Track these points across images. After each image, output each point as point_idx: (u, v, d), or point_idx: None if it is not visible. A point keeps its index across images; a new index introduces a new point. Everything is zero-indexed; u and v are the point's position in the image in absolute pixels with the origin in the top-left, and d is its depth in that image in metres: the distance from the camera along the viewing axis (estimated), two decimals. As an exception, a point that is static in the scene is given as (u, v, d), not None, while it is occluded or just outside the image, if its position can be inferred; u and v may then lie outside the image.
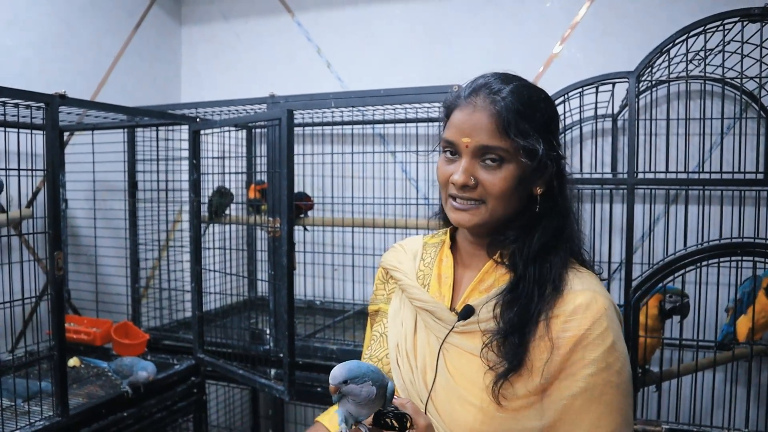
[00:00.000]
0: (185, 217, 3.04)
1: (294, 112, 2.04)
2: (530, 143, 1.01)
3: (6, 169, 1.84)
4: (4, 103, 1.73)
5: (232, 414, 3.10)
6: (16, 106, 1.75)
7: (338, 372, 0.93)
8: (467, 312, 1.06)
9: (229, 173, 2.62)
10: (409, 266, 1.21)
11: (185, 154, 2.82)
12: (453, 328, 1.07)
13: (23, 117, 1.90)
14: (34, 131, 2.17)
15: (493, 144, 1.01)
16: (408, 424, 0.93)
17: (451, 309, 1.11)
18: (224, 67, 3.32)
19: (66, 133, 2.68)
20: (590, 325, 0.99)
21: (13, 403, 1.86)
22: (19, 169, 1.83)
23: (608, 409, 0.98)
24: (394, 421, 0.93)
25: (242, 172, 2.92)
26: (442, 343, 1.07)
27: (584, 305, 1.00)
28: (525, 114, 1.01)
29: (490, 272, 1.11)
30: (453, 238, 1.21)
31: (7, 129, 1.91)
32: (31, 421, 1.80)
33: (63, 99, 1.84)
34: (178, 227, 3.11)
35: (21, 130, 2.08)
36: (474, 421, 0.99)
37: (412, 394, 1.07)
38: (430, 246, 1.25)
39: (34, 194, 2.50)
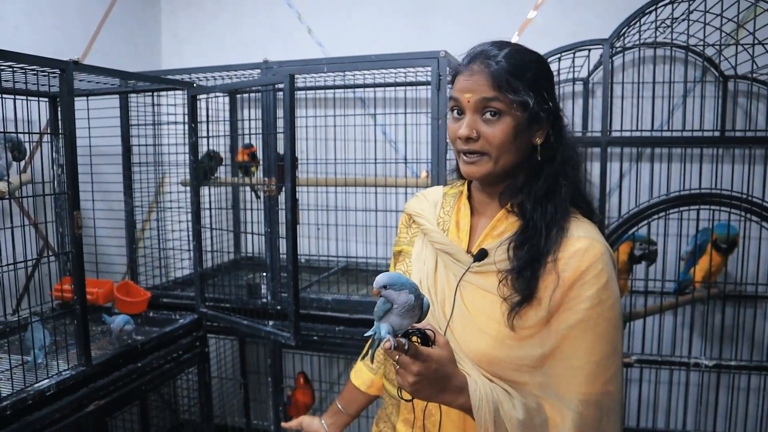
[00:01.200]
0: (172, 179, 3.12)
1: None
2: (521, 97, 1.14)
3: (25, 133, 1.89)
4: (24, 70, 1.79)
5: (225, 366, 3.25)
6: (35, 73, 1.81)
7: (381, 277, 1.04)
8: (482, 254, 1.21)
9: (224, 136, 2.71)
10: (431, 213, 1.36)
11: (173, 119, 2.91)
12: (469, 268, 1.22)
13: (18, 83, 1.90)
14: (29, 98, 2.22)
15: (490, 96, 1.14)
16: (431, 341, 1.08)
17: (468, 252, 1.26)
18: (205, 34, 3.36)
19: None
20: (587, 267, 1.13)
21: (30, 358, 1.97)
22: (39, 133, 1.89)
23: (600, 338, 1.13)
24: (419, 339, 1.08)
25: (242, 135, 3.01)
26: (459, 281, 1.23)
27: (582, 249, 1.15)
28: (516, 73, 1.15)
29: (501, 220, 1.25)
30: (469, 189, 1.36)
31: (16, 96, 1.95)
32: (59, 370, 1.91)
33: (77, 65, 1.91)
34: (166, 189, 3.19)
35: (19, 97, 2.11)
36: (486, 347, 1.15)
37: (432, 323, 1.23)
38: (449, 196, 1.40)
39: (31, 159, 2.55)
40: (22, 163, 2.21)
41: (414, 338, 1.07)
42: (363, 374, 1.54)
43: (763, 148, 2.48)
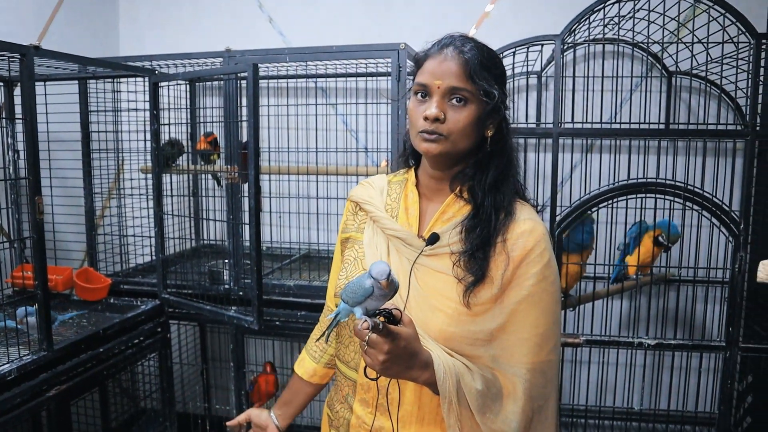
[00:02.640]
0: (130, 166, 3.11)
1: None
2: (489, 87, 1.24)
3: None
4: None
5: (186, 353, 3.27)
6: (-6, 57, 1.81)
7: (387, 266, 1.08)
8: (434, 238, 1.28)
9: (186, 123, 2.72)
10: (379, 200, 1.42)
11: (132, 105, 2.90)
12: (422, 251, 1.29)
13: None
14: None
15: (460, 86, 1.22)
16: (397, 320, 1.14)
17: (419, 236, 1.33)
18: (166, 21, 3.34)
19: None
20: (532, 246, 1.24)
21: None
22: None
23: (543, 312, 1.24)
24: (384, 318, 1.13)
25: (200, 122, 3.02)
26: (413, 264, 1.29)
27: (528, 231, 1.25)
28: (485, 65, 1.24)
29: (451, 205, 1.33)
30: (416, 177, 1.43)
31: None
32: (21, 355, 1.92)
33: (38, 50, 1.91)
34: (122, 176, 3.18)
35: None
36: (443, 324, 1.23)
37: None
38: (394, 183, 1.46)
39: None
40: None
41: (380, 318, 1.12)
42: (306, 364, 1.58)
43: (702, 140, 2.62)
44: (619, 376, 2.85)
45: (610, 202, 2.37)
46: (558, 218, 2.43)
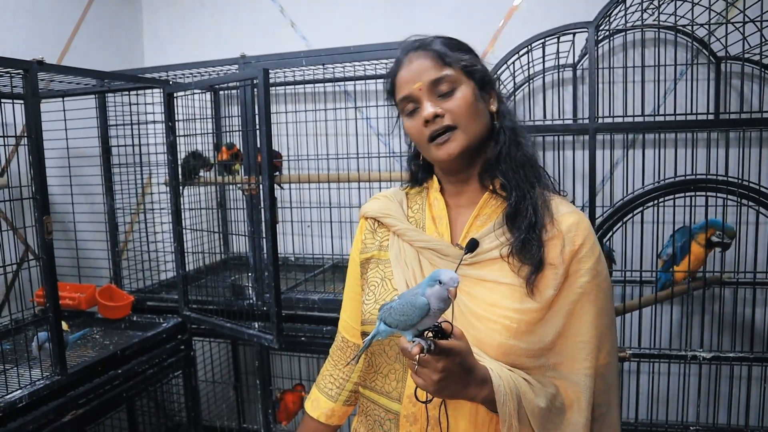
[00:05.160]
0: (155, 180, 3.07)
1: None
2: (468, 62, 1.17)
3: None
4: (-16, 71, 1.73)
5: (217, 369, 3.20)
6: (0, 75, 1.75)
7: (452, 271, 0.98)
8: (473, 245, 1.15)
9: (203, 134, 2.64)
10: (400, 213, 1.29)
11: (151, 117, 2.85)
12: (461, 261, 1.15)
13: None
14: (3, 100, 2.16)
15: (440, 75, 1.14)
16: (448, 334, 1.01)
17: (455, 244, 1.20)
18: (187, 31, 3.30)
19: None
20: (583, 240, 1.13)
21: (3, 368, 1.91)
22: (4, 136, 1.84)
23: (600, 311, 1.13)
24: (432, 333, 1.01)
25: (224, 131, 2.96)
26: None
27: (575, 223, 1.15)
28: (454, 47, 1.18)
29: (485, 205, 1.21)
30: (439, 183, 1.30)
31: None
32: (33, 380, 1.86)
33: (41, 65, 1.85)
34: (149, 190, 3.14)
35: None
36: (499, 336, 1.10)
37: None
38: (414, 195, 1.34)
39: (8, 163, 2.50)
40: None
41: (427, 333, 1.01)
42: (321, 404, 1.43)
43: (757, 130, 2.40)
44: (671, 387, 2.63)
45: (657, 201, 2.17)
46: (599, 220, 2.25)
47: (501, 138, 1.19)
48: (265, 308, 2.42)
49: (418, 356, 0.96)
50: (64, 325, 2.42)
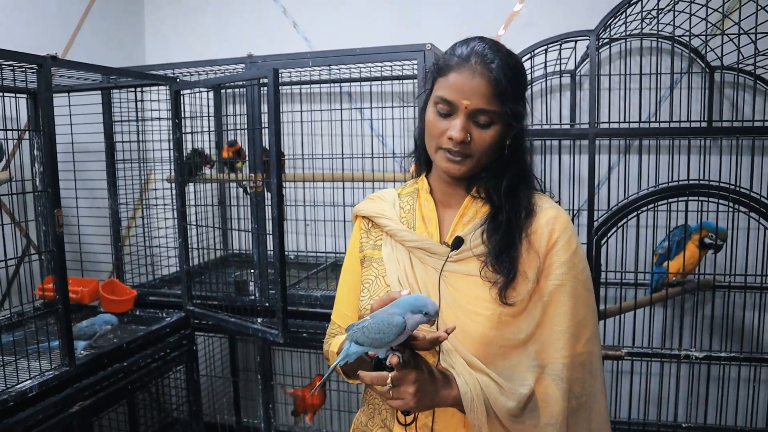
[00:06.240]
0: (157, 176, 3.09)
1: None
2: (518, 109, 1.19)
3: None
4: (1, 66, 1.75)
5: (218, 364, 3.22)
6: (12, 68, 1.77)
7: (430, 299, 1.03)
8: (458, 242, 1.22)
9: (208, 132, 2.67)
10: (392, 213, 1.35)
11: (155, 114, 2.87)
12: (448, 258, 1.22)
13: None
14: (7, 95, 2.18)
15: (489, 108, 1.16)
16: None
17: (442, 242, 1.27)
18: (190, 29, 3.32)
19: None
20: (559, 234, 1.20)
21: (13, 359, 1.93)
22: (17, 130, 1.85)
23: (577, 301, 1.19)
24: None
25: (226, 129, 2.98)
26: (441, 272, 1.22)
27: (553, 218, 1.21)
28: (514, 82, 1.18)
29: (469, 206, 1.28)
30: (429, 184, 1.36)
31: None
32: (42, 371, 1.88)
33: (54, 60, 1.87)
34: (151, 186, 3.16)
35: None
36: (483, 327, 1.16)
37: None
38: (405, 195, 1.39)
39: (11, 156, 2.52)
40: (3, 161, 2.17)
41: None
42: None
43: (749, 138, 2.47)
44: (663, 387, 2.70)
45: (653, 205, 2.23)
46: (596, 223, 2.31)
47: (501, 167, 1.24)
48: (267, 304, 2.46)
49: (390, 377, 1.02)
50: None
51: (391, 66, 2.59)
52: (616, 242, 2.40)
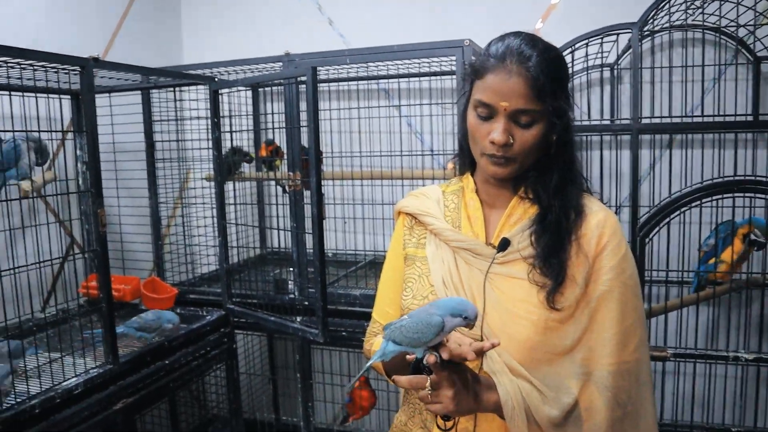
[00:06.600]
0: (196, 175, 3.13)
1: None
2: (560, 104, 1.15)
3: (45, 131, 1.89)
4: (45, 68, 1.78)
5: (257, 361, 3.25)
6: (56, 70, 1.80)
7: (471, 303, 1.03)
8: (505, 243, 1.19)
9: (246, 130, 2.69)
10: (437, 211, 1.32)
11: (194, 114, 2.90)
12: (494, 259, 1.20)
13: (39, 81, 1.91)
14: (49, 95, 2.22)
15: (529, 108, 1.12)
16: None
17: (488, 243, 1.24)
18: (226, 28, 3.34)
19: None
20: (609, 237, 1.17)
21: (60, 355, 1.97)
22: (62, 131, 1.88)
23: (625, 307, 1.15)
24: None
25: (264, 128, 2.99)
26: (486, 273, 1.20)
27: (603, 221, 1.18)
28: (554, 77, 1.13)
29: (516, 207, 1.25)
30: (474, 183, 1.33)
31: (38, 95, 1.93)
32: (87, 368, 1.91)
33: (96, 62, 1.90)
34: (190, 185, 3.20)
35: (40, 95, 2.10)
36: (528, 332, 1.13)
37: None
38: (449, 194, 1.37)
39: (55, 156, 2.56)
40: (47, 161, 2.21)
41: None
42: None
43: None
44: (710, 389, 2.63)
45: (699, 202, 2.18)
46: (640, 221, 2.25)
47: (548, 163, 1.21)
48: (307, 303, 2.46)
49: (428, 381, 1.01)
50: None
51: (428, 62, 2.57)
52: (659, 239, 2.35)
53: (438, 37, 2.51)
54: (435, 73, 2.76)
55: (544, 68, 1.12)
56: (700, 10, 2.32)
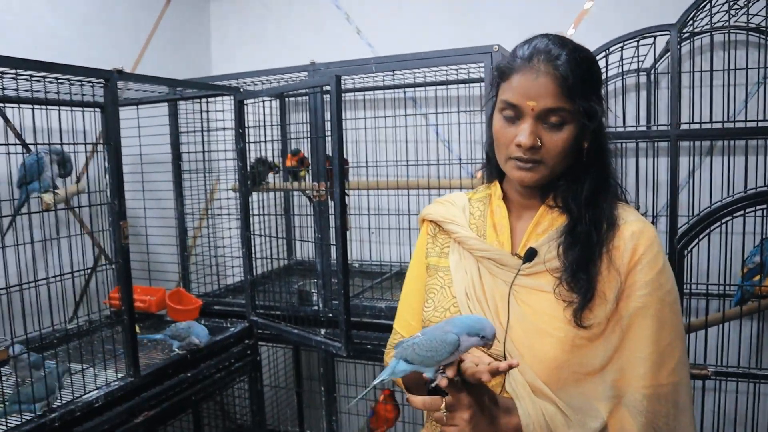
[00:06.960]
0: (222, 186, 3.12)
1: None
2: (591, 105, 1.08)
3: (70, 144, 1.89)
4: (70, 81, 1.78)
5: (281, 374, 3.21)
6: (80, 83, 1.80)
7: (489, 322, 0.98)
8: (531, 254, 1.13)
9: (272, 141, 2.66)
10: (462, 219, 1.26)
11: (221, 125, 2.89)
12: (519, 271, 1.13)
13: (64, 94, 1.90)
14: (74, 108, 2.22)
15: (558, 106, 1.06)
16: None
17: (514, 254, 1.17)
18: (254, 39, 3.34)
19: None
20: (644, 251, 1.08)
21: (81, 368, 1.95)
22: (84, 143, 1.88)
23: (662, 324, 1.06)
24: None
25: (290, 138, 2.98)
26: (511, 285, 1.13)
27: (638, 232, 1.09)
28: (584, 77, 1.07)
29: (544, 216, 1.18)
30: (502, 190, 1.26)
31: (61, 108, 1.93)
32: (108, 381, 1.89)
33: (120, 74, 1.89)
34: (216, 196, 3.19)
35: (66, 108, 2.09)
36: (554, 350, 1.06)
37: None
38: (476, 201, 1.31)
39: (85, 168, 2.57)
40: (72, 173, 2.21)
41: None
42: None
43: None
44: (755, 408, 2.49)
45: (742, 212, 2.06)
46: (680, 231, 2.15)
47: (579, 171, 1.14)
48: (331, 315, 2.41)
49: (443, 402, 0.96)
50: (137, 328, 2.48)
51: (456, 69, 2.51)
52: (699, 251, 2.23)
53: (466, 44, 2.46)
54: (463, 81, 2.70)
55: (574, 67, 1.06)
56: (744, 10, 2.22)
